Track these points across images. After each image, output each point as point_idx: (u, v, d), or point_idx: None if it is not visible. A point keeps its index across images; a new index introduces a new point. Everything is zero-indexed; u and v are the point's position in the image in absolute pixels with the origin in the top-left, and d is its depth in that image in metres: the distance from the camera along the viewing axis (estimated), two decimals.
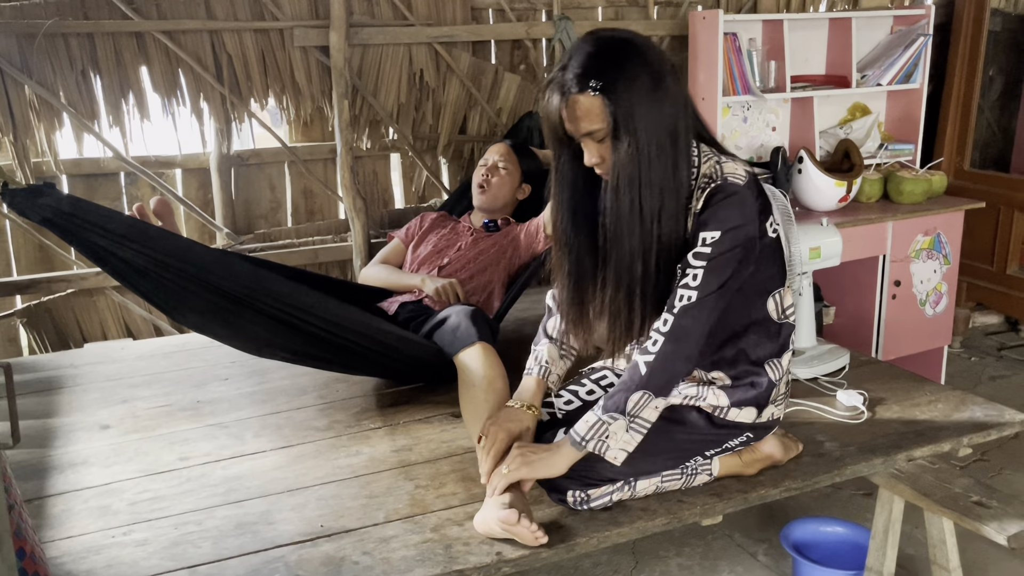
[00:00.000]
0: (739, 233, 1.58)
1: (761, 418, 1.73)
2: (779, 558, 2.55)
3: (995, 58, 4.28)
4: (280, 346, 2.12)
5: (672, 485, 1.73)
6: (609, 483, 1.66)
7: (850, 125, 3.71)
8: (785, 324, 1.73)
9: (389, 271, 2.79)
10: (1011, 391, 3.74)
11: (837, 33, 3.60)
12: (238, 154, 3.16)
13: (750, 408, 1.72)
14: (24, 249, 2.95)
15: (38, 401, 2.31)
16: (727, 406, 1.71)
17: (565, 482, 1.65)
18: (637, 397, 1.59)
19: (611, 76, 1.50)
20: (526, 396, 1.80)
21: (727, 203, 1.57)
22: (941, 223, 3.51)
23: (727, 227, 1.57)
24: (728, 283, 1.59)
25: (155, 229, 1.99)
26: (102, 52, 2.82)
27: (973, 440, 1.96)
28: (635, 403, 1.59)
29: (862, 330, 3.49)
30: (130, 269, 1.92)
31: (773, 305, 1.71)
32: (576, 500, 1.66)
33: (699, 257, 1.57)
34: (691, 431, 1.71)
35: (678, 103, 1.56)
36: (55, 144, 2.87)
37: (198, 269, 1.92)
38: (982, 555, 2.46)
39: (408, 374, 2.33)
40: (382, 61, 3.18)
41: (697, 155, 1.63)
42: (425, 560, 1.52)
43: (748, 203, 1.59)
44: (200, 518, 1.69)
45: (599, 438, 1.59)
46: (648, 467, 1.69)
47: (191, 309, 2.02)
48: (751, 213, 1.60)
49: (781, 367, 1.73)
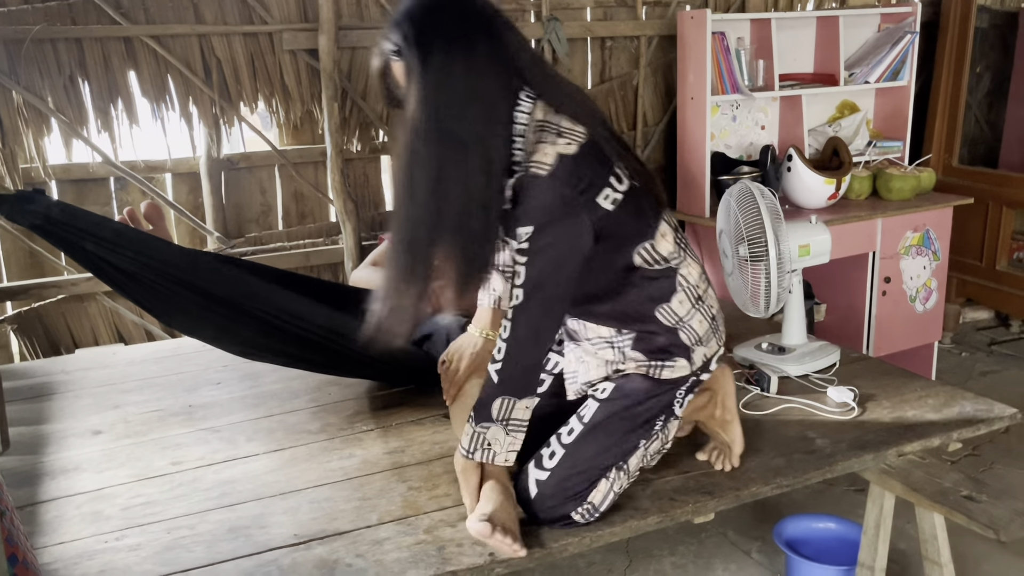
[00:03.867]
0: (555, 227, 1.51)
1: (696, 363, 1.72)
2: (772, 555, 2.56)
3: (982, 55, 4.31)
4: (273, 349, 2.13)
5: (655, 447, 1.73)
6: (593, 485, 1.64)
7: (839, 123, 3.73)
8: (665, 269, 1.67)
9: (378, 275, 2.79)
10: (1001, 386, 3.76)
11: (825, 31, 3.62)
12: (228, 158, 3.16)
13: (679, 360, 1.70)
14: (14, 255, 2.95)
15: (29, 407, 2.30)
16: (655, 364, 1.70)
17: (556, 509, 1.63)
18: (499, 404, 1.58)
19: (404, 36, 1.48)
20: (483, 324, 1.86)
21: (531, 196, 1.50)
22: (930, 219, 3.53)
23: (538, 221, 1.50)
24: (558, 274, 1.53)
25: (144, 235, 1.99)
26: (90, 57, 2.82)
27: (963, 435, 1.97)
28: (499, 409, 1.58)
29: (853, 327, 3.51)
30: (121, 274, 1.92)
31: (641, 259, 1.65)
32: (583, 515, 1.63)
33: (521, 253, 1.52)
34: (642, 397, 1.70)
35: (488, 71, 1.48)
36: (44, 150, 2.87)
37: (189, 274, 1.92)
38: (973, 549, 2.48)
39: (401, 377, 2.33)
40: (371, 63, 3.17)
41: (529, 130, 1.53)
42: (418, 562, 1.52)
43: (555, 192, 1.49)
44: (193, 522, 1.69)
45: (482, 448, 1.59)
46: (625, 447, 1.68)
47: (183, 313, 2.02)
48: (559, 202, 1.50)
49: (673, 312, 1.68)
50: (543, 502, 1.63)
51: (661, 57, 3.69)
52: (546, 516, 1.63)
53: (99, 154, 2.93)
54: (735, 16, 3.49)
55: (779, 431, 1.99)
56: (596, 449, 1.66)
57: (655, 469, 1.81)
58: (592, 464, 1.64)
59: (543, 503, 1.63)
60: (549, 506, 1.63)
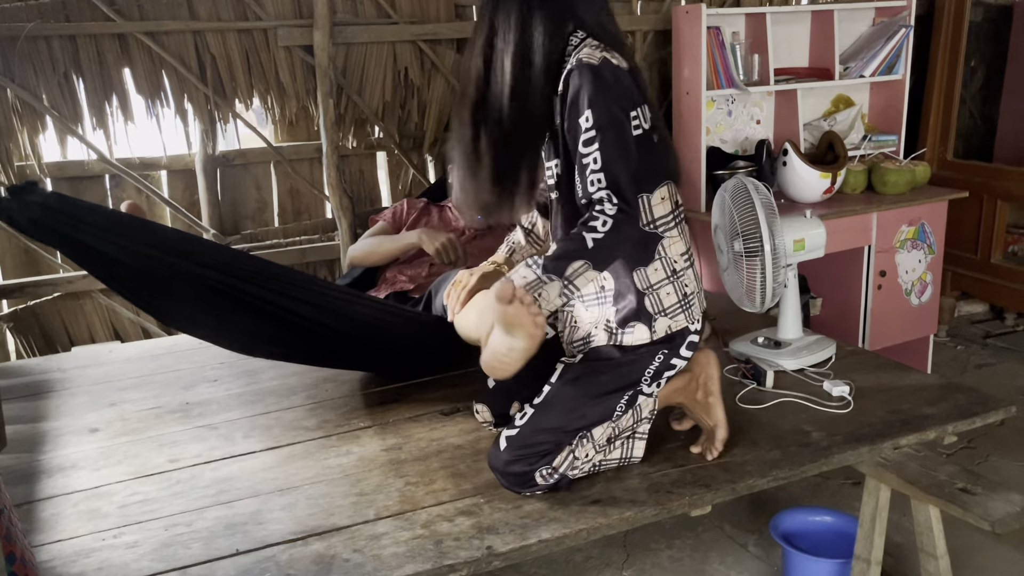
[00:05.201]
0: (610, 104, 1.65)
1: (657, 332, 1.77)
2: (769, 548, 2.57)
3: (977, 48, 4.31)
4: (274, 339, 2.10)
5: (625, 421, 1.79)
6: (558, 447, 1.70)
7: (834, 117, 3.73)
8: (651, 233, 1.76)
9: (380, 238, 2.77)
10: (997, 378, 3.78)
11: (819, 26, 3.62)
12: (223, 155, 3.16)
13: (638, 326, 1.77)
14: (10, 253, 2.94)
15: (26, 406, 2.30)
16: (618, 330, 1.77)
17: (521, 467, 1.69)
18: (577, 265, 1.64)
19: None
20: (496, 260, 2.01)
21: (583, 81, 1.65)
22: (925, 213, 3.54)
23: (595, 102, 1.64)
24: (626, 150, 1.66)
25: (141, 220, 1.97)
26: (84, 54, 2.81)
27: (958, 427, 1.98)
28: (574, 270, 1.65)
29: (849, 321, 3.51)
30: (120, 267, 1.88)
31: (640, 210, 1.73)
32: (546, 476, 1.69)
33: (586, 144, 1.65)
34: (605, 368, 1.77)
35: None
36: (38, 147, 2.86)
37: (186, 259, 1.89)
38: (969, 541, 2.49)
39: (405, 359, 2.30)
40: (367, 59, 3.18)
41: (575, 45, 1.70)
42: (416, 556, 1.52)
43: (603, 80, 1.64)
44: (190, 519, 1.69)
45: (532, 293, 1.63)
46: (589, 415, 1.73)
47: (182, 303, 1.99)
48: (608, 90, 1.65)
49: (646, 277, 1.76)
50: (509, 456, 1.70)
51: (656, 52, 3.69)
52: (510, 472, 1.70)
53: (94, 151, 2.93)
54: (730, 11, 3.49)
55: (775, 425, 2.00)
56: (561, 411, 1.73)
57: (651, 462, 1.82)
58: (556, 426, 1.71)
59: (509, 457, 1.70)
60: (513, 460, 1.70)
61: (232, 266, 1.93)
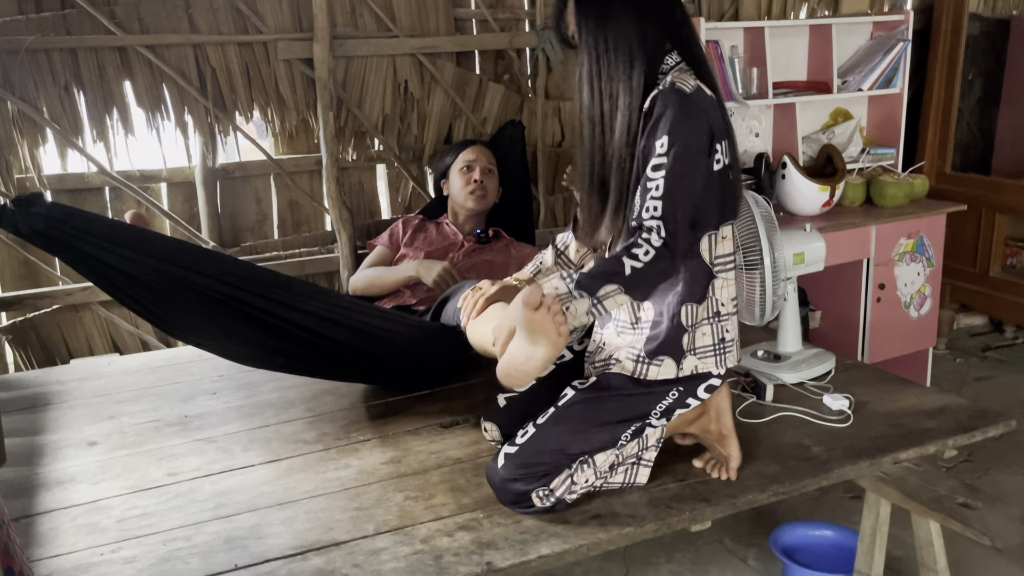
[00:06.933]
0: (688, 137, 1.63)
1: (683, 371, 1.74)
2: (769, 562, 2.56)
3: (974, 62, 4.33)
4: (278, 351, 2.10)
5: (630, 449, 1.76)
6: (557, 469, 1.68)
7: (832, 130, 3.75)
8: (708, 271, 1.73)
9: (379, 270, 2.79)
10: (996, 391, 3.78)
11: (818, 40, 3.64)
12: (223, 167, 3.16)
13: (666, 360, 1.73)
14: (9, 265, 2.94)
15: (24, 419, 2.30)
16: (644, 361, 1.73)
17: (518, 486, 1.67)
18: (611, 288, 1.63)
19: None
20: (519, 278, 1.97)
21: (669, 106, 1.63)
22: (924, 226, 3.54)
23: (676, 129, 1.63)
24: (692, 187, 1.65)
25: (143, 230, 1.97)
26: (85, 67, 2.82)
27: (958, 441, 1.97)
28: (606, 292, 1.64)
29: (848, 334, 3.52)
30: (123, 277, 1.89)
31: (706, 245, 1.72)
32: (543, 498, 1.67)
33: (656, 169, 1.64)
34: (617, 395, 1.74)
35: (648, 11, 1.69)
36: (39, 160, 2.86)
37: (189, 269, 1.89)
38: (969, 555, 2.48)
39: (407, 370, 2.29)
40: (366, 72, 3.19)
41: (670, 66, 1.70)
42: (415, 571, 1.52)
43: (691, 109, 1.64)
44: (189, 534, 1.68)
45: (561, 304, 1.62)
46: (592, 441, 1.71)
47: (186, 313, 1.98)
48: (695, 119, 1.64)
49: (694, 313, 1.73)
50: (507, 474, 1.68)
51: None
52: (507, 491, 1.68)
53: (94, 164, 2.93)
54: (728, 24, 3.50)
55: (775, 439, 2.00)
56: (563, 433, 1.71)
57: (651, 476, 1.81)
58: (556, 447, 1.69)
59: (507, 475, 1.68)
60: (511, 479, 1.68)
61: (237, 276, 1.93)
